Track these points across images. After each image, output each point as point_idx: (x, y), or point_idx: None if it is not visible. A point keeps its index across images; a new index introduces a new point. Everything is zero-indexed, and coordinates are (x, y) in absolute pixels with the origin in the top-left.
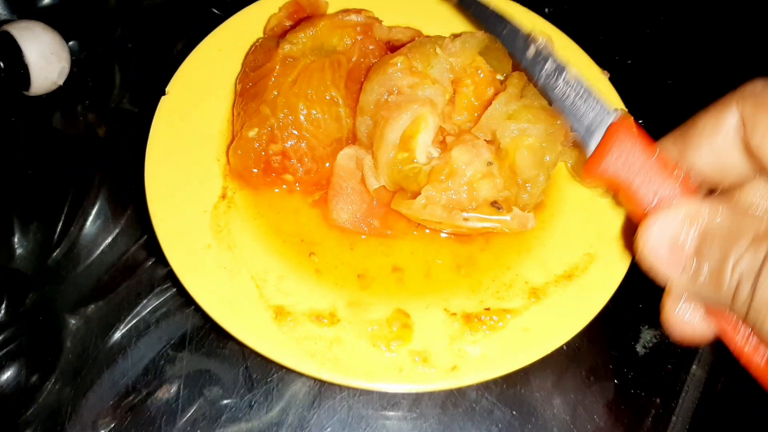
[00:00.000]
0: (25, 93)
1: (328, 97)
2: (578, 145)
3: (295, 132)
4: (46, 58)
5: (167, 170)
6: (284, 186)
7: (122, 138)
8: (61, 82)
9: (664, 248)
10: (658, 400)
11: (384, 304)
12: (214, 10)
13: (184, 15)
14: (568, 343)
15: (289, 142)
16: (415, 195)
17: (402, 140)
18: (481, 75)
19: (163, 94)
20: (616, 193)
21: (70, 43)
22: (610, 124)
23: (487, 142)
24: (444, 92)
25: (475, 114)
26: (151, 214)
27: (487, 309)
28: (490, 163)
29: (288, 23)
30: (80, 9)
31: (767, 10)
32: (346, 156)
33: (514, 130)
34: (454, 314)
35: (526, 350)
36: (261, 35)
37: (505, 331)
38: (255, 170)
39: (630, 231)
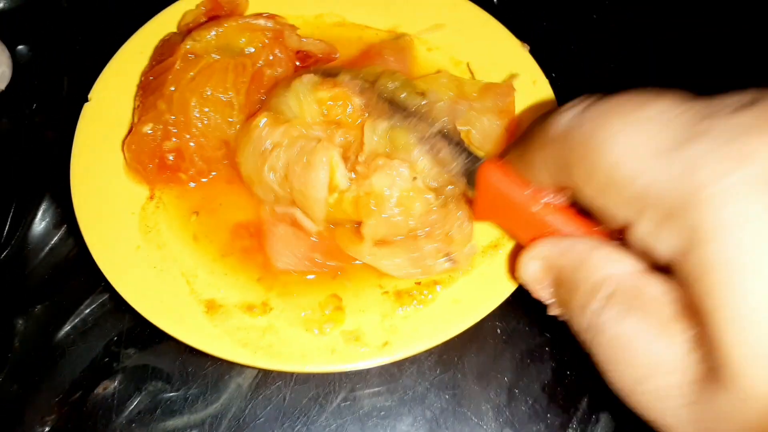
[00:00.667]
0: None
1: (224, 98)
2: None
3: (190, 131)
4: None
5: (93, 176)
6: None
7: (69, 140)
8: (2, 86)
9: (532, 283)
10: (592, 383)
11: (317, 291)
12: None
13: (132, 15)
14: (503, 327)
15: (182, 139)
16: (352, 223)
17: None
18: (349, 109)
19: (86, 101)
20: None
21: (19, 47)
22: (477, 171)
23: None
24: (327, 127)
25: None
26: (78, 220)
27: (418, 283)
28: (414, 178)
29: (203, 20)
30: (31, 13)
31: None
32: (267, 211)
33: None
34: (387, 292)
35: (455, 321)
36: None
37: (435, 304)
38: (150, 166)
39: None
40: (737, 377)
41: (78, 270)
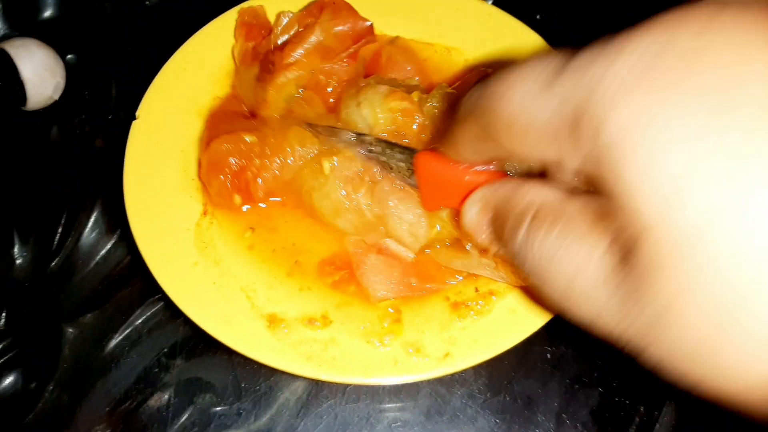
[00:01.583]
0: (23, 108)
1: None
2: None
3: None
4: (40, 74)
5: (146, 193)
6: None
7: (119, 149)
8: (56, 97)
9: (475, 228)
10: (642, 408)
11: (374, 304)
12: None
13: (178, 24)
14: (552, 352)
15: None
16: (443, 241)
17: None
18: (415, 125)
19: (134, 118)
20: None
21: (68, 56)
22: (414, 162)
23: None
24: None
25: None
26: (135, 238)
27: (476, 290)
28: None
29: (251, 44)
30: (79, 22)
31: None
32: (352, 242)
33: None
34: (444, 303)
35: (513, 330)
36: (223, 51)
37: (491, 314)
38: (222, 177)
39: None
40: (642, 237)
41: (129, 280)
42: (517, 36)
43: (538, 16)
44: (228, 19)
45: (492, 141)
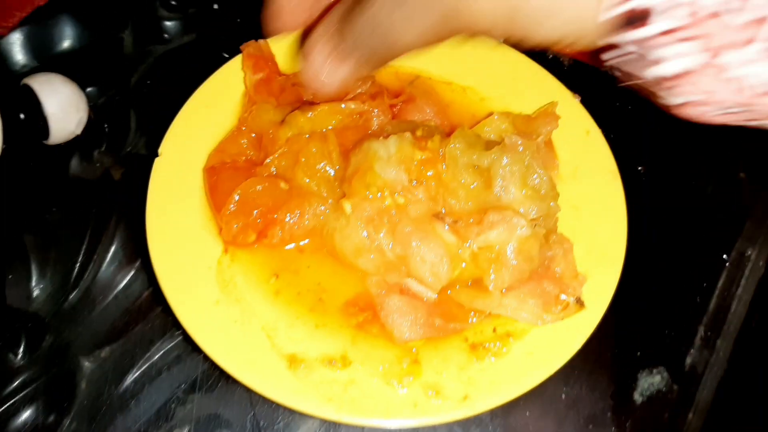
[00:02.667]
0: (44, 142)
1: (330, 171)
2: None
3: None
4: (64, 110)
5: (168, 231)
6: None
7: (137, 182)
8: (78, 131)
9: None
10: None
11: (392, 344)
12: (225, 55)
13: (196, 61)
14: (566, 392)
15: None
16: (465, 281)
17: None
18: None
19: (156, 154)
20: None
21: (88, 89)
22: None
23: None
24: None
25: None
26: (158, 276)
27: (494, 330)
28: (535, 225)
29: (260, 75)
30: (98, 56)
31: None
32: (374, 282)
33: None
34: (465, 339)
35: (531, 372)
36: (241, 88)
37: (509, 356)
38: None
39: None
40: None
41: (148, 314)
42: (531, 75)
43: (550, 56)
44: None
45: None
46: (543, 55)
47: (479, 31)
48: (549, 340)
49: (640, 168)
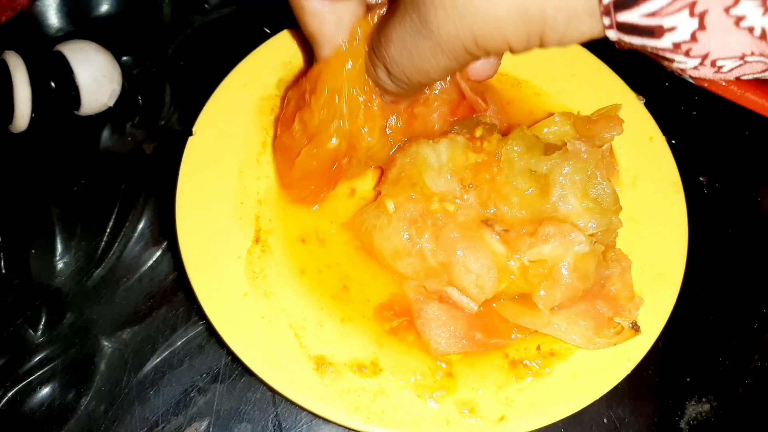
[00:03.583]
0: (75, 113)
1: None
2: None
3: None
4: (97, 81)
5: (199, 216)
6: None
7: (169, 158)
8: (111, 104)
9: None
10: None
11: (426, 351)
12: (266, 29)
13: (237, 33)
14: (609, 415)
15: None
16: (511, 294)
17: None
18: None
19: (191, 133)
20: None
21: (123, 58)
22: None
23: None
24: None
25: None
26: (185, 264)
27: (538, 348)
28: (594, 242)
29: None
30: (135, 23)
31: None
32: (412, 287)
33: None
34: (506, 355)
35: (574, 396)
36: (281, 68)
37: (551, 377)
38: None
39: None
40: None
41: (172, 299)
42: (590, 70)
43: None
44: (294, 33)
45: None
46: (601, 49)
47: (500, 49)
48: (595, 363)
49: (702, 178)
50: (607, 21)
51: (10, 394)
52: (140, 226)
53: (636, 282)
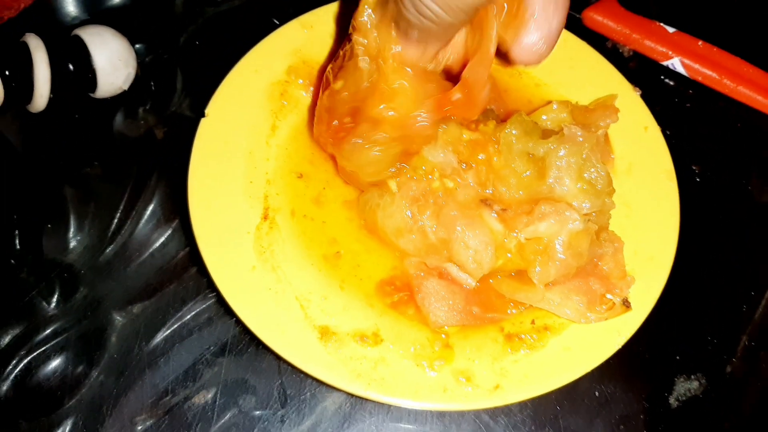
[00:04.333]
0: (91, 95)
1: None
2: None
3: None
4: (113, 64)
5: (210, 194)
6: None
7: (179, 143)
8: (126, 87)
9: None
10: None
11: (426, 324)
12: (275, 20)
13: (247, 24)
14: (600, 389)
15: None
16: (508, 270)
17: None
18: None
19: (203, 115)
20: None
21: (137, 45)
22: None
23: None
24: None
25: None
26: (197, 238)
27: (533, 322)
28: (588, 220)
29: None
30: (148, 12)
31: None
32: (413, 264)
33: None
34: (501, 329)
35: (566, 368)
36: (291, 56)
37: (545, 350)
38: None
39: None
40: None
41: (183, 274)
42: (590, 63)
43: (609, 44)
44: (305, 22)
45: None
46: (602, 44)
47: None
48: (587, 338)
49: (694, 167)
50: None
51: (24, 363)
52: (151, 205)
53: (628, 263)
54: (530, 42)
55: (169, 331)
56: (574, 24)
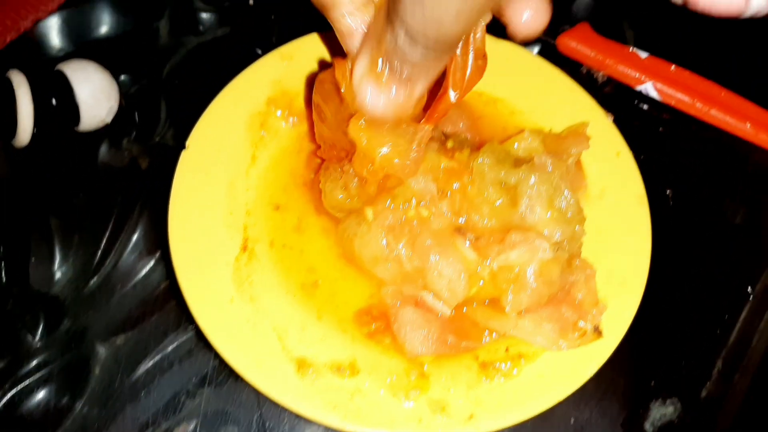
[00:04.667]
0: (75, 129)
1: None
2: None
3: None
4: (96, 98)
5: (190, 225)
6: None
7: (163, 173)
8: (109, 120)
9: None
10: None
11: (401, 355)
12: (258, 50)
13: (230, 54)
14: (576, 416)
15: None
16: (482, 299)
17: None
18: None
19: (184, 147)
20: None
21: (121, 77)
22: None
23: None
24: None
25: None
26: (175, 269)
27: (507, 350)
28: (557, 249)
29: None
30: (133, 43)
31: None
32: (390, 293)
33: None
34: (476, 357)
35: (541, 396)
36: (271, 87)
37: (519, 379)
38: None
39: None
40: None
41: (164, 305)
42: (564, 90)
43: (583, 70)
44: (284, 54)
45: None
46: (577, 70)
47: None
48: (561, 365)
49: (668, 191)
50: None
51: (8, 396)
52: (135, 236)
53: (601, 289)
54: (528, 17)
55: (150, 363)
56: (550, 51)
